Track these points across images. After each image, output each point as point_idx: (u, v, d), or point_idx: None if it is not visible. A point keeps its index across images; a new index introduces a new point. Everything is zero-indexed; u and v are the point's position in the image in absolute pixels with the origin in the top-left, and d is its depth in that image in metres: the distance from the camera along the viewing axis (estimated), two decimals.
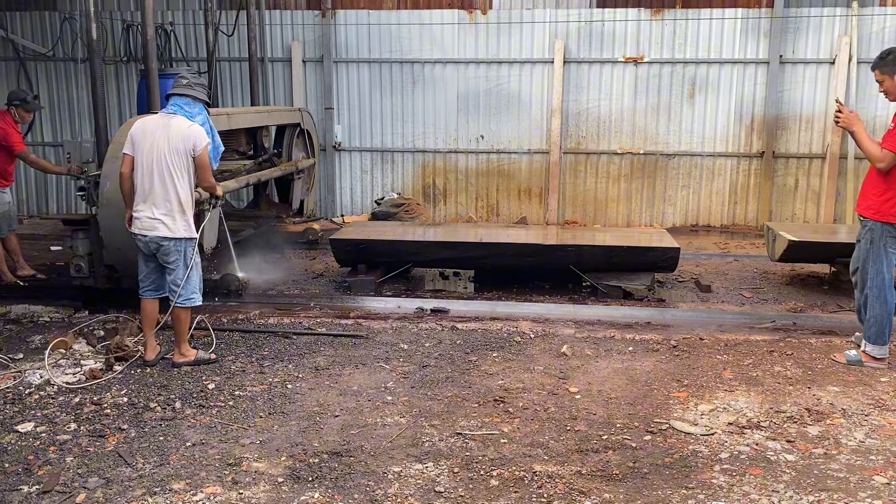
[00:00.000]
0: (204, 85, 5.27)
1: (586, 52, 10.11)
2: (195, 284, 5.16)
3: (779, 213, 10.18)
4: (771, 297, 7.05)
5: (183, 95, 5.12)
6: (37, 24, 10.88)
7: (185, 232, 5.05)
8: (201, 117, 5.16)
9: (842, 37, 9.61)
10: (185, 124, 5.02)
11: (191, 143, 4.99)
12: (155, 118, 5.13)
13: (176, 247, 5.04)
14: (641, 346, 5.54)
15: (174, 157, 4.97)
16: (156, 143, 4.97)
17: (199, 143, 5.03)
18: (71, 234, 6.19)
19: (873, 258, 5.03)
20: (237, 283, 6.54)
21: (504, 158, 10.47)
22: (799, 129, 9.98)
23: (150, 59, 6.45)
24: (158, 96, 6.44)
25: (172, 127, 5.00)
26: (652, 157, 10.21)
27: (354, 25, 10.37)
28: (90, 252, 6.11)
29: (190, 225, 5.07)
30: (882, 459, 3.81)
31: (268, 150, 8.58)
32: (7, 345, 5.59)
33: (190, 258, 5.09)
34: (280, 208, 9.19)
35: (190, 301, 5.13)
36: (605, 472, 3.68)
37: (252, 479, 3.62)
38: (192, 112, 5.11)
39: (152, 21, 6.48)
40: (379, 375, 4.96)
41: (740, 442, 4.00)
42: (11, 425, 4.23)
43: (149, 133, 5.01)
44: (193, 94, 5.13)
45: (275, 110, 8.87)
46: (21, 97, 7.07)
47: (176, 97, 5.13)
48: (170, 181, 4.97)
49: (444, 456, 3.84)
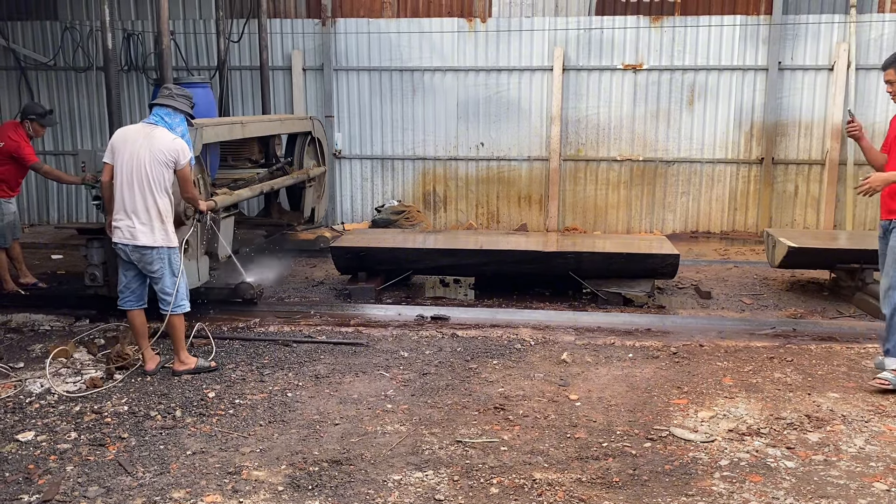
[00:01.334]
0: (188, 97, 5.24)
1: (585, 60, 10.14)
2: (183, 291, 5.16)
3: (778, 219, 10.18)
4: (771, 303, 7.05)
5: (164, 106, 5.10)
6: (38, 33, 10.92)
7: (165, 241, 5.04)
8: (181, 129, 5.13)
9: (840, 43, 9.64)
10: (168, 137, 5.00)
11: (173, 155, 4.98)
12: (136, 127, 5.10)
13: (158, 255, 5.03)
14: (641, 353, 5.54)
15: (154, 167, 4.94)
16: (136, 152, 4.94)
17: (182, 157, 5.02)
18: (86, 243, 6.20)
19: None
20: (252, 291, 6.56)
21: (504, 166, 10.49)
22: (798, 135, 10.00)
23: (165, 68, 6.51)
24: None
25: (155, 137, 4.98)
26: (651, 164, 10.23)
27: (354, 34, 10.41)
28: (104, 261, 6.14)
29: (169, 234, 5.06)
30: (882, 466, 3.81)
31: (280, 159, 8.60)
32: (8, 354, 5.60)
33: (176, 266, 5.11)
34: (291, 216, 9.21)
35: (180, 308, 5.14)
36: (605, 479, 3.68)
37: (252, 487, 3.62)
38: (173, 123, 5.09)
39: (167, 30, 6.53)
40: (379, 383, 4.96)
41: (740, 449, 4.00)
42: (12, 434, 4.23)
43: (129, 142, 4.99)
44: (174, 104, 5.11)
45: (287, 118, 8.88)
46: (38, 111, 7.09)
47: (158, 107, 5.12)
48: (149, 191, 4.95)
49: (444, 464, 3.84)
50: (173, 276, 5.08)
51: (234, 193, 6.82)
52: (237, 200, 6.94)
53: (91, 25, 10.78)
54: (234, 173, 7.85)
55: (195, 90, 7.53)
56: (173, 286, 5.08)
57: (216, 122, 6.97)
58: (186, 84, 7.56)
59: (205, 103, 7.59)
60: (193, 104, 5.28)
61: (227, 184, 7.11)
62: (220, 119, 7.99)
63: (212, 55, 10.56)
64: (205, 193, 6.26)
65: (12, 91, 10.97)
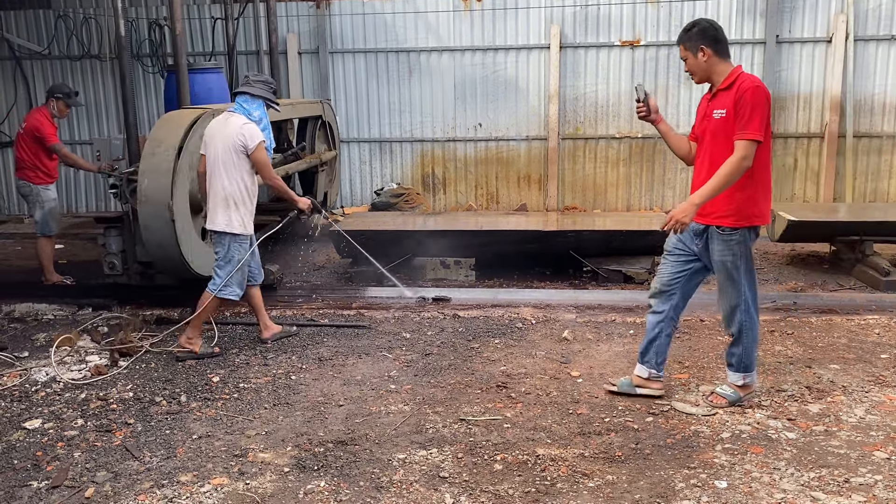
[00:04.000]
0: (266, 81, 5.29)
1: (582, 37, 10.08)
2: (232, 279, 5.17)
3: (778, 193, 10.15)
4: (771, 277, 7.06)
5: (243, 93, 5.20)
6: (31, 22, 10.86)
7: (229, 227, 5.12)
8: (258, 113, 5.20)
9: (838, 14, 9.57)
10: (239, 122, 5.10)
11: (241, 140, 5.05)
12: (220, 117, 5.25)
13: (220, 239, 5.15)
14: (642, 330, 5.54)
15: (225, 152, 5.08)
16: (217, 140, 5.12)
17: (250, 141, 5.07)
18: (104, 231, 6.21)
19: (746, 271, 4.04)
20: (272, 276, 6.59)
21: (502, 146, 10.46)
22: (797, 108, 9.95)
23: (179, 55, 6.50)
24: (188, 92, 6.54)
25: (228, 124, 5.12)
26: (650, 141, 10.19)
27: (349, 16, 10.34)
28: (123, 249, 6.16)
29: (233, 220, 5.12)
30: (882, 435, 3.84)
31: (292, 144, 8.57)
32: (12, 343, 5.63)
33: (234, 253, 5.15)
34: None
35: (225, 293, 5.18)
36: (607, 454, 3.71)
37: (258, 469, 3.66)
38: (251, 109, 5.17)
39: (181, 16, 6.51)
40: (382, 364, 4.99)
41: (741, 421, 4.03)
42: (19, 422, 4.27)
43: (214, 132, 5.17)
44: (251, 90, 5.19)
45: (298, 102, 8.82)
46: (65, 91, 7.10)
47: (238, 95, 5.24)
48: (219, 176, 5.10)
49: (448, 442, 3.87)
50: (228, 263, 5.15)
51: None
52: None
53: (84, 13, 10.72)
54: None
55: (209, 76, 7.53)
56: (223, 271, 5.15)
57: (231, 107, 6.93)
58: (200, 70, 7.55)
59: (219, 89, 7.58)
60: (274, 88, 5.36)
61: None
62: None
63: (207, 40, 10.51)
64: None
65: (7, 81, 10.93)
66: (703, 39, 3.98)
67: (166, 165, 5.60)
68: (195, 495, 3.43)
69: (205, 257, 5.97)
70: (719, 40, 3.99)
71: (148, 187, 5.62)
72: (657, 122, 4.27)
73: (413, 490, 3.42)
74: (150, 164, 5.65)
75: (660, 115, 4.28)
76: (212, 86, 7.46)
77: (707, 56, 3.98)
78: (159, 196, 5.57)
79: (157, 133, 5.79)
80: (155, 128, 5.92)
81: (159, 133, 5.77)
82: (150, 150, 5.70)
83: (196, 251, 5.88)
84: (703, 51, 3.98)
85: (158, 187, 5.58)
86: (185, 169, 5.69)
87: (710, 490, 3.36)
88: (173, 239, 5.62)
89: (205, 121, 5.87)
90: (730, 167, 3.81)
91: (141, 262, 6.18)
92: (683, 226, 3.88)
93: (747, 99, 3.83)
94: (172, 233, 5.60)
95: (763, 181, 3.98)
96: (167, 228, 5.59)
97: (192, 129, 5.76)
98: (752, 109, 3.81)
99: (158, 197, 5.56)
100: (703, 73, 4.04)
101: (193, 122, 5.80)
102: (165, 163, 5.60)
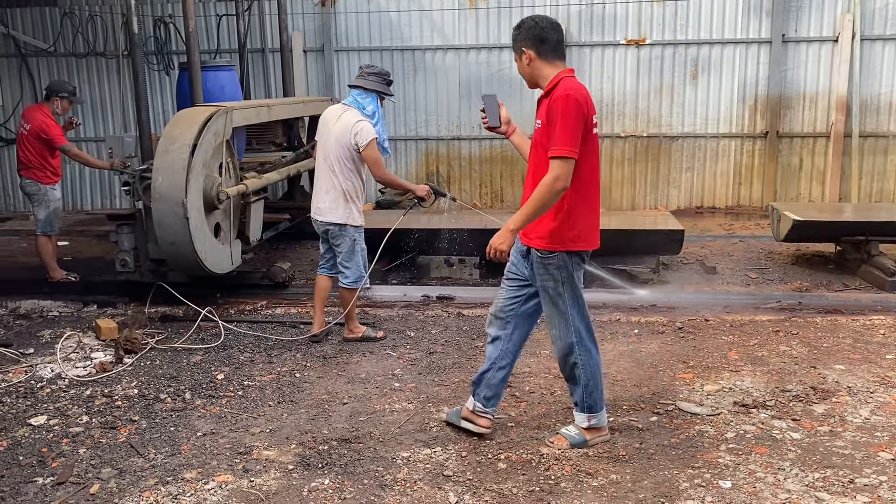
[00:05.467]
0: (380, 74, 5.28)
1: (588, 36, 10.06)
2: (360, 268, 5.30)
3: (783, 193, 10.14)
4: (776, 277, 7.05)
5: (356, 87, 5.22)
6: (37, 19, 10.89)
7: (349, 219, 5.20)
8: (372, 107, 5.22)
9: (845, 13, 9.53)
10: (353, 118, 5.12)
11: (353, 137, 5.09)
12: (335, 108, 5.33)
13: (342, 232, 5.22)
14: (647, 329, 5.56)
15: (338, 148, 5.14)
16: (329, 133, 5.18)
17: (361, 139, 5.10)
18: (116, 228, 6.21)
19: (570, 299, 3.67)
20: (284, 273, 6.60)
21: (507, 145, 10.36)
22: (803, 108, 9.92)
23: (192, 53, 6.48)
24: (201, 89, 6.53)
25: (342, 119, 5.16)
26: (655, 140, 10.18)
27: (354, 14, 10.34)
28: (135, 247, 6.16)
29: (353, 213, 5.22)
30: (887, 436, 3.83)
31: (303, 142, 8.57)
32: (18, 340, 5.65)
33: (360, 245, 5.27)
34: None
35: (354, 284, 5.27)
36: (611, 453, 3.71)
37: (263, 466, 3.66)
38: (364, 103, 5.20)
39: (193, 13, 6.49)
40: (386, 363, 5.00)
41: (746, 421, 4.02)
42: (24, 419, 4.28)
43: (327, 123, 5.24)
44: (364, 84, 5.20)
45: (309, 100, 8.82)
46: (68, 89, 7.10)
47: (352, 88, 5.27)
48: (333, 170, 5.17)
49: (452, 440, 3.88)
50: (353, 254, 5.23)
51: (264, 177, 6.80)
52: (267, 184, 6.95)
53: (90, 11, 10.74)
54: (259, 156, 7.86)
55: (222, 74, 7.52)
56: (352, 262, 5.24)
57: (244, 105, 6.96)
58: (213, 67, 7.55)
59: (231, 86, 7.58)
60: (389, 81, 5.34)
61: (254, 167, 7.11)
62: (247, 102, 7.94)
63: (212, 38, 10.52)
64: (234, 177, 6.28)
65: (13, 78, 10.96)
66: (526, 40, 3.54)
67: (181, 163, 5.60)
68: (199, 492, 3.44)
69: (218, 254, 5.98)
70: (545, 40, 3.52)
71: (162, 184, 5.62)
72: (508, 135, 3.86)
73: (417, 488, 3.43)
74: (164, 162, 5.65)
75: (512, 126, 3.86)
76: (224, 83, 7.47)
77: (530, 59, 3.54)
78: (173, 193, 5.56)
79: (171, 130, 5.80)
80: (169, 125, 5.93)
81: (173, 130, 5.77)
82: (164, 147, 5.71)
83: (209, 248, 5.89)
84: (525, 52, 3.55)
85: (172, 184, 5.58)
86: (198, 166, 5.70)
87: (714, 490, 3.36)
88: (187, 236, 5.62)
89: (218, 118, 5.89)
90: (542, 190, 3.41)
91: (153, 259, 6.19)
92: (502, 254, 3.54)
93: (556, 109, 3.39)
94: (186, 230, 5.60)
95: (584, 199, 3.55)
96: (181, 226, 5.58)
97: (206, 127, 5.77)
98: (562, 120, 3.36)
99: (172, 194, 5.56)
100: (529, 78, 3.61)
101: (207, 119, 5.81)
102: (180, 160, 5.60)
